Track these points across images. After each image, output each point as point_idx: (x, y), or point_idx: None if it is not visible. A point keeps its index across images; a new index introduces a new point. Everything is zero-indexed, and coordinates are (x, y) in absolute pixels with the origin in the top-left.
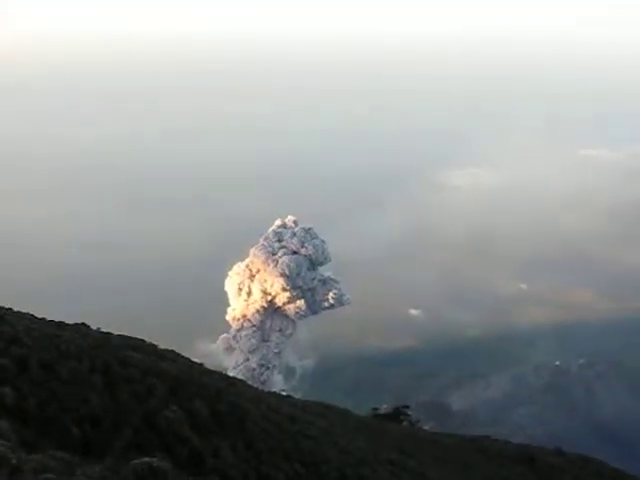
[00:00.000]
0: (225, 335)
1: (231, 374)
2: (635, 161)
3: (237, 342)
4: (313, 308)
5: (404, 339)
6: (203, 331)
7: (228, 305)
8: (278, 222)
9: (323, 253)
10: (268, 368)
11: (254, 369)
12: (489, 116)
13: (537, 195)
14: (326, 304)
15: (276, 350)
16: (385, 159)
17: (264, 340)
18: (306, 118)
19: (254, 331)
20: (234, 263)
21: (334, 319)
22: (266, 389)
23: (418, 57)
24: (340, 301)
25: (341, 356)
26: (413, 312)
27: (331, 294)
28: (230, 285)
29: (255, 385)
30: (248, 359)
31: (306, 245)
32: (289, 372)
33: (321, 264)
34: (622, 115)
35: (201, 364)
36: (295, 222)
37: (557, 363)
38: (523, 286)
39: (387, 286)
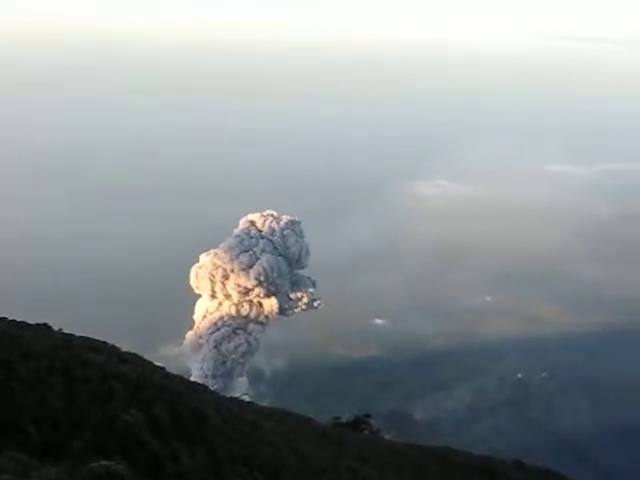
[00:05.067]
0: (192, 332)
1: (196, 371)
2: (600, 177)
3: (205, 339)
4: (284, 310)
5: (369, 348)
6: (166, 335)
7: (193, 309)
8: (253, 216)
9: (306, 254)
10: (237, 362)
11: (222, 361)
12: (459, 129)
13: (504, 209)
14: (298, 307)
15: (245, 345)
16: (353, 167)
17: (235, 333)
18: (275, 121)
19: (225, 326)
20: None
21: (300, 325)
22: (229, 391)
23: (391, 65)
24: (311, 305)
25: (306, 362)
26: (378, 321)
27: (305, 297)
28: (197, 280)
29: (219, 382)
30: (216, 347)
31: (289, 243)
32: (256, 374)
33: (301, 267)
34: (589, 132)
35: (163, 368)
36: (274, 216)
37: (519, 376)
38: (488, 298)
39: (352, 294)
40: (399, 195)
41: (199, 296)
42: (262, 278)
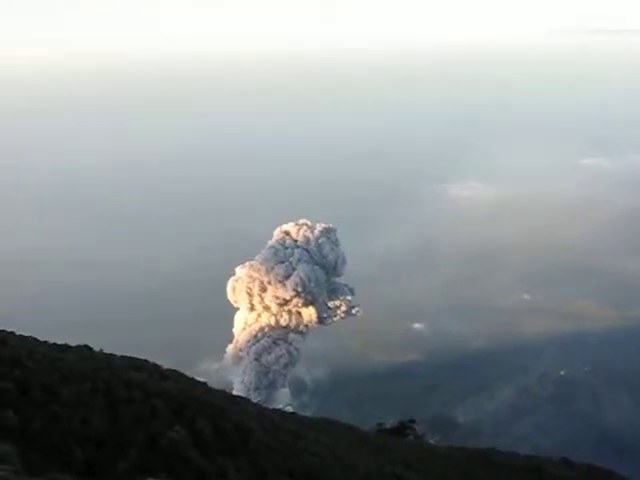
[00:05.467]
0: (232, 345)
1: (238, 385)
2: (633, 169)
3: (246, 351)
4: (323, 319)
5: (408, 352)
6: (206, 350)
7: (231, 323)
8: (287, 226)
9: (342, 262)
10: (279, 373)
11: (264, 372)
12: (487, 129)
13: (538, 207)
14: (336, 315)
15: (286, 355)
16: (383, 174)
17: (275, 344)
18: (300, 128)
19: (266, 337)
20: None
21: (339, 333)
22: (271, 403)
23: (410, 68)
24: (349, 312)
25: (346, 370)
26: (417, 326)
27: (343, 305)
28: (235, 294)
29: (261, 394)
30: (257, 359)
31: (325, 252)
32: (298, 384)
33: (338, 275)
34: (617, 124)
35: (204, 383)
36: (308, 225)
37: (561, 373)
38: (526, 297)
39: (390, 300)
40: (432, 199)
41: (237, 309)
42: (299, 289)
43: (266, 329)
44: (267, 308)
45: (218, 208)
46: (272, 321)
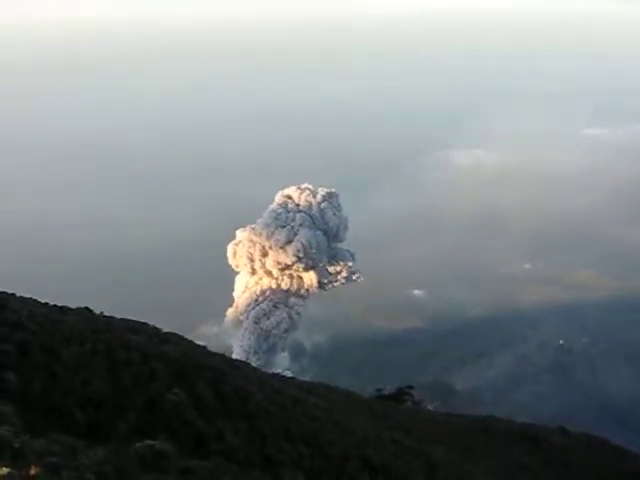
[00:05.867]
0: (232, 309)
1: (237, 348)
2: (638, 139)
3: (246, 315)
4: (323, 284)
5: (408, 319)
6: (206, 313)
7: (231, 287)
8: (289, 190)
9: (344, 228)
10: (279, 338)
11: (264, 337)
12: (489, 94)
13: (540, 175)
14: (337, 281)
15: (287, 319)
16: (384, 139)
17: (275, 307)
18: (301, 92)
19: (266, 301)
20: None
21: (340, 298)
22: (271, 367)
23: (419, 32)
24: (350, 278)
25: (346, 336)
26: (417, 292)
27: (344, 270)
28: (235, 258)
29: (261, 358)
30: (257, 323)
31: (327, 217)
32: (297, 349)
33: (339, 241)
34: (622, 93)
35: (204, 347)
36: (311, 189)
37: (561, 342)
38: (527, 266)
39: (390, 266)
40: (433, 165)
41: (237, 273)
42: (301, 254)
43: (267, 292)
44: (268, 272)
45: (219, 171)
46: (273, 284)
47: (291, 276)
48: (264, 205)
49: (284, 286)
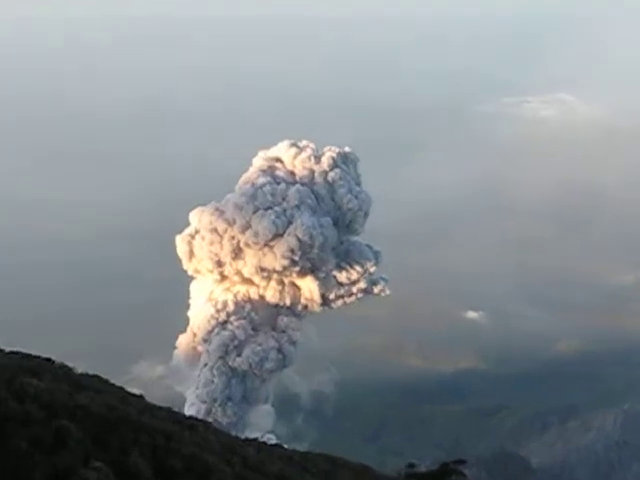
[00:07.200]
0: (185, 337)
1: (192, 399)
2: None
3: (207, 345)
4: (329, 300)
5: (458, 355)
6: (143, 346)
7: (185, 304)
8: (278, 149)
9: (364, 212)
10: (259, 381)
11: (235, 379)
12: (581, 22)
13: None
14: (350, 295)
15: (271, 352)
16: (435, 84)
17: (255, 332)
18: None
19: (240, 320)
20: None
21: (354, 322)
22: (245, 428)
23: None
24: (371, 290)
25: (362, 381)
26: (472, 315)
27: (361, 279)
28: (189, 258)
29: (228, 414)
30: (224, 358)
31: (339, 194)
32: (288, 399)
33: (355, 232)
34: None
35: (140, 396)
36: (313, 149)
37: None
38: (630, 277)
39: (432, 273)
40: (500, 119)
41: (192, 279)
42: (297, 255)
43: (242, 309)
44: (245, 280)
45: (169, 127)
46: (252, 295)
47: (281, 283)
48: (236, 175)
49: (270, 299)
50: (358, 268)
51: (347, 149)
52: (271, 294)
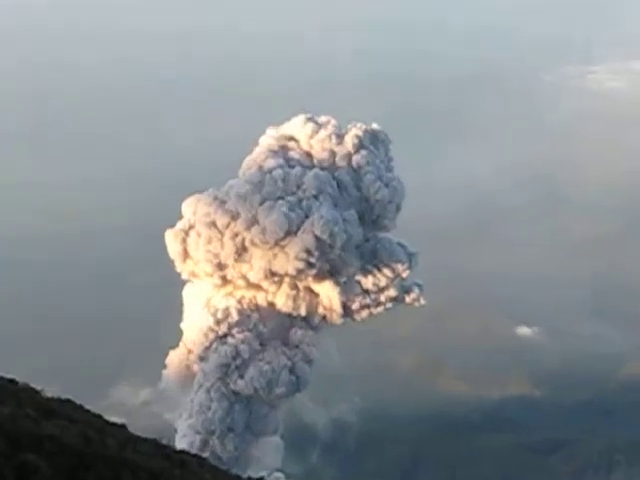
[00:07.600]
0: (176, 353)
1: (184, 428)
2: None
3: (203, 364)
4: (352, 310)
5: (507, 380)
6: (125, 368)
7: (177, 315)
8: (292, 125)
9: (396, 205)
10: (266, 408)
11: (236, 405)
12: None
13: None
14: (378, 304)
15: (282, 372)
16: (481, 48)
17: (262, 347)
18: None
19: (245, 334)
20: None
21: (381, 336)
22: (248, 464)
23: None
24: (403, 299)
25: (391, 409)
26: (524, 331)
27: (391, 285)
28: (183, 257)
29: (229, 447)
30: (223, 379)
31: (366, 181)
32: (301, 431)
33: (384, 228)
34: None
35: (122, 426)
36: (335, 126)
37: None
38: None
39: (476, 280)
40: (560, 92)
41: (185, 284)
42: (314, 257)
43: (247, 319)
44: (252, 285)
45: (156, 99)
46: (260, 301)
47: (295, 288)
48: (239, 155)
49: (281, 307)
50: (387, 272)
51: (376, 126)
52: (282, 302)
